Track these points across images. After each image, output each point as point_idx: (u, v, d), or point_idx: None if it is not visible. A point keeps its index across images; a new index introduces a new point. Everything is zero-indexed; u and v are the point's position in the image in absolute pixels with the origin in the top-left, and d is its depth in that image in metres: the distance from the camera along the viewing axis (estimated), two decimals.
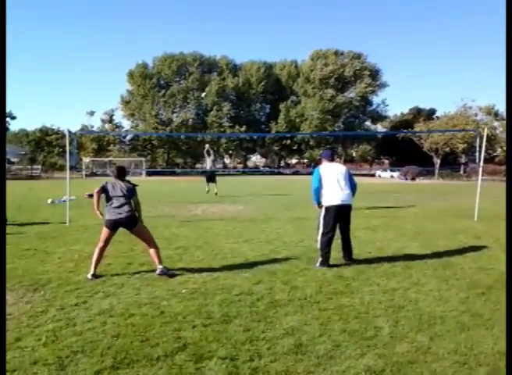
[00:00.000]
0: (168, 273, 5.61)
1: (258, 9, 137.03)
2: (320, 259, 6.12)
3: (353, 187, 6.41)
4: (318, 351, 3.40)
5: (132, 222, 5.63)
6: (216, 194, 17.91)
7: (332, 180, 6.26)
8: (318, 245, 6.24)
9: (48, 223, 10.30)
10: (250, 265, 6.18)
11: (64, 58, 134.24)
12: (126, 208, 5.55)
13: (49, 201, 15.64)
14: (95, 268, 5.57)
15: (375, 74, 65.83)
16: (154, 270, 5.70)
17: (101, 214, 5.64)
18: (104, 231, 5.63)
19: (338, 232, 6.34)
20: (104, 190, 5.60)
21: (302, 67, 68.71)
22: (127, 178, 5.79)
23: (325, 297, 4.74)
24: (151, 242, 5.75)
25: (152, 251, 5.70)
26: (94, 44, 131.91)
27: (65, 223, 10.13)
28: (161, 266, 5.60)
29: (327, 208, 6.22)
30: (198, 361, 3.22)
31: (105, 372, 3.05)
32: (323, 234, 6.21)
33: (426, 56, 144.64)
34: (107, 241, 5.65)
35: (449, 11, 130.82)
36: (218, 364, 3.17)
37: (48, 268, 5.98)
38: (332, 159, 6.68)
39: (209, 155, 18.01)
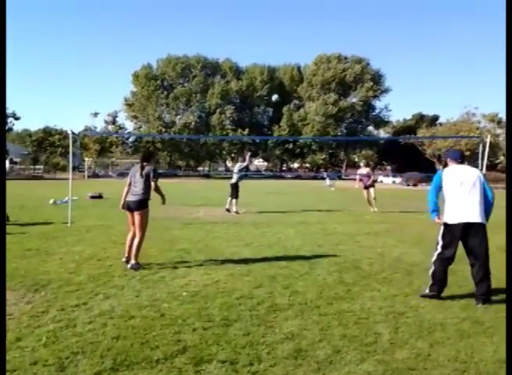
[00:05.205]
0: (136, 266, 6.01)
1: (262, 13, 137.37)
2: (428, 288, 4.98)
3: (487, 199, 5.09)
4: (317, 356, 3.39)
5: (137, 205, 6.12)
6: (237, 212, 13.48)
7: (456, 190, 5.06)
8: (431, 269, 5.07)
9: (49, 224, 10.32)
10: (251, 269, 6.18)
11: (69, 59, 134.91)
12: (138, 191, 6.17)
13: (51, 201, 15.66)
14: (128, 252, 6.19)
15: (377, 79, 65.93)
16: (155, 273, 5.77)
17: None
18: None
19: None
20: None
21: (305, 71, 68.89)
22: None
23: (326, 302, 4.74)
24: (140, 232, 6.10)
25: (137, 241, 6.09)
26: (98, 46, 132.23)
27: (66, 223, 10.15)
28: (133, 262, 6.03)
29: (446, 226, 5.15)
30: (198, 364, 3.22)
31: (105, 373, 3.05)
32: (438, 256, 5.06)
33: (431, 63, 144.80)
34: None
35: (455, 16, 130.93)
36: (218, 367, 3.17)
37: (49, 268, 5.99)
38: (461, 161, 5.39)
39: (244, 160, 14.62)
